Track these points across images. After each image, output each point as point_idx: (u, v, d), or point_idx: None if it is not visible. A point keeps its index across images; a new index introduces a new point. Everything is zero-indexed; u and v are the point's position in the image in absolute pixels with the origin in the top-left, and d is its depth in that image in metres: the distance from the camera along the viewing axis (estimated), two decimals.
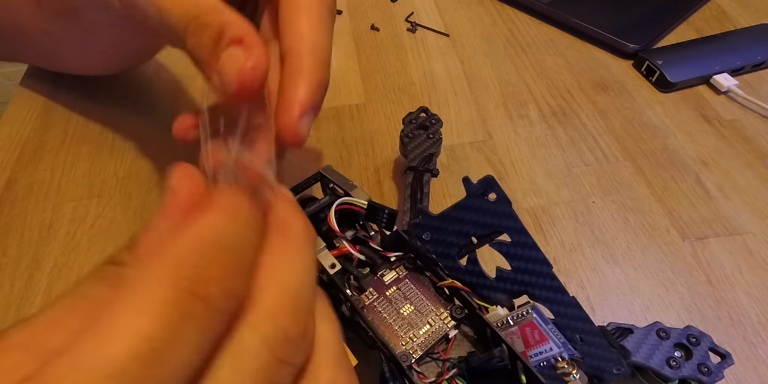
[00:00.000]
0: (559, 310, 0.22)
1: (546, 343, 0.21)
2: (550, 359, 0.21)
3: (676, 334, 0.23)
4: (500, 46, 0.45)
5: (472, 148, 0.37)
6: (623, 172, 0.35)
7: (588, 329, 0.22)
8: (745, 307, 0.28)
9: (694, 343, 0.23)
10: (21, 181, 0.35)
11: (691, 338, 0.23)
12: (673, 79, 0.40)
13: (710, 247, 0.31)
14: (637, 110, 0.39)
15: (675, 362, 0.22)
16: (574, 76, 0.42)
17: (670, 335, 0.23)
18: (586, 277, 0.29)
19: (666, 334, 0.23)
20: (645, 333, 0.23)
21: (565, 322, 0.22)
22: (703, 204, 0.33)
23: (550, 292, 0.22)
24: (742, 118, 0.38)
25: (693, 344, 0.23)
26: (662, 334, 0.23)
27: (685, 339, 0.23)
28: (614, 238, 0.31)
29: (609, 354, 0.21)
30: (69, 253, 0.31)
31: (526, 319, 0.21)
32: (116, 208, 0.33)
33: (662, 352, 0.22)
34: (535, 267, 0.22)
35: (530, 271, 0.22)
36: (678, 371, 0.22)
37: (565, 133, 0.38)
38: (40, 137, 0.38)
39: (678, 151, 0.36)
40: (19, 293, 0.29)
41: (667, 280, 0.29)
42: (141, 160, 0.36)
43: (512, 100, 0.40)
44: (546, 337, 0.21)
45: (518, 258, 0.22)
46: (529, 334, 0.21)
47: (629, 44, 0.43)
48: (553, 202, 0.33)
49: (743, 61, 0.42)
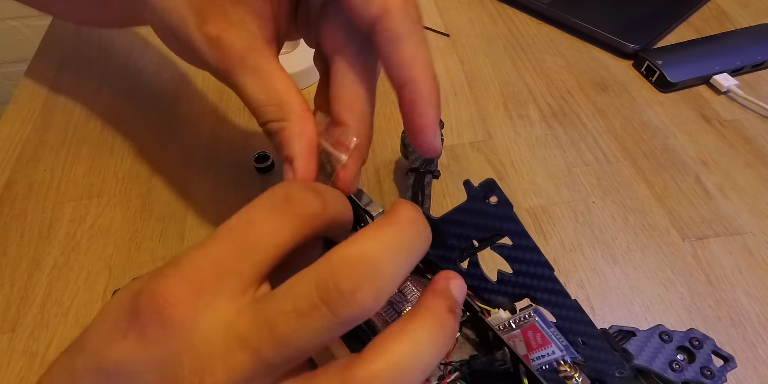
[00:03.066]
0: (561, 314, 0.22)
1: (548, 347, 0.21)
2: (552, 362, 0.21)
3: (679, 337, 0.23)
4: (500, 46, 0.45)
5: (472, 148, 0.37)
6: (623, 172, 0.35)
7: (590, 332, 0.22)
8: (745, 307, 0.28)
9: (696, 346, 0.23)
10: (21, 181, 0.35)
11: (694, 341, 0.23)
12: (673, 79, 0.40)
13: (710, 247, 0.31)
14: (637, 110, 0.39)
15: (678, 365, 0.22)
16: (574, 76, 0.42)
17: (672, 338, 0.23)
18: (586, 277, 0.29)
19: (669, 337, 0.23)
20: (647, 336, 0.23)
21: (567, 325, 0.22)
22: (703, 204, 0.33)
23: (552, 296, 0.22)
24: (742, 118, 0.39)
25: (696, 347, 0.23)
26: (665, 337, 0.23)
27: (688, 342, 0.23)
28: (614, 238, 0.31)
29: (611, 357, 0.21)
30: (69, 252, 0.31)
31: (528, 322, 0.21)
32: (116, 208, 0.33)
33: (665, 356, 0.22)
34: (537, 270, 0.22)
35: (532, 274, 0.22)
36: (681, 374, 0.22)
37: (565, 133, 0.38)
38: (40, 137, 0.38)
39: (678, 151, 0.36)
40: (19, 293, 0.29)
41: (667, 280, 0.29)
42: (141, 160, 0.36)
43: (512, 100, 0.40)
44: (548, 341, 0.21)
45: (520, 261, 0.22)
46: (532, 337, 0.21)
47: (629, 44, 0.43)
48: (553, 202, 0.33)
49: (743, 61, 0.42)
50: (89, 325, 0.14)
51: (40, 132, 0.38)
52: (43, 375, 0.14)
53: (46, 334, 0.28)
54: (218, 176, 0.35)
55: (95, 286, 0.29)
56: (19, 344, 0.27)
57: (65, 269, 0.30)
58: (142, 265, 0.30)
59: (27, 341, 0.27)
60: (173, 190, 0.34)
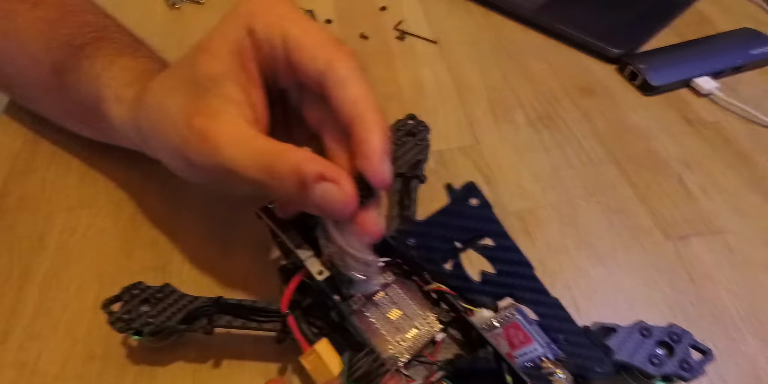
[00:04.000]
0: (543, 312, 0.23)
1: (530, 344, 0.22)
2: (535, 359, 0.22)
3: (659, 332, 0.23)
4: (487, 52, 0.46)
5: (459, 153, 0.37)
6: (608, 174, 0.36)
7: (571, 329, 0.22)
8: (725, 304, 0.28)
9: (676, 341, 0.23)
10: (13, 193, 0.35)
11: (673, 336, 0.23)
12: (655, 82, 0.41)
13: (692, 246, 0.31)
14: (620, 113, 0.40)
15: (657, 360, 0.23)
16: (560, 80, 0.43)
17: (652, 333, 0.23)
18: (572, 277, 0.30)
19: (649, 332, 0.23)
20: (628, 332, 0.23)
21: (549, 322, 0.23)
22: (685, 204, 0.34)
23: (534, 294, 0.23)
24: (723, 120, 0.39)
25: (675, 341, 0.23)
26: (645, 333, 0.23)
27: (668, 337, 0.23)
28: (599, 239, 0.32)
29: (592, 353, 0.22)
30: (60, 263, 0.31)
31: (510, 320, 0.22)
32: (107, 218, 0.33)
33: (645, 350, 0.23)
34: (518, 269, 0.22)
35: (513, 274, 0.23)
36: (660, 368, 0.22)
37: (551, 137, 0.38)
38: (31, 149, 0.38)
39: (661, 153, 0.37)
40: (9, 304, 0.29)
41: (650, 279, 0.30)
42: (132, 170, 0.36)
43: (499, 105, 0.41)
44: (530, 338, 0.22)
45: (501, 261, 0.22)
46: (514, 335, 0.22)
47: (613, 49, 0.44)
48: (539, 204, 0.34)
49: (724, 64, 0.42)
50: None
51: (31, 144, 0.38)
52: None
53: (36, 346, 0.28)
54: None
55: (86, 297, 0.30)
56: (10, 356, 0.27)
57: (56, 280, 0.30)
58: (134, 275, 0.31)
59: (17, 353, 0.27)
60: (163, 199, 0.35)
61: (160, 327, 0.24)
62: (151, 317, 0.24)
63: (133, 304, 0.24)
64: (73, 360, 0.27)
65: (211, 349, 0.27)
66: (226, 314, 0.24)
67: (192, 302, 0.24)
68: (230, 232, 0.32)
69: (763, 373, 0.26)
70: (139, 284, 0.25)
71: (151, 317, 0.24)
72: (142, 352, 0.27)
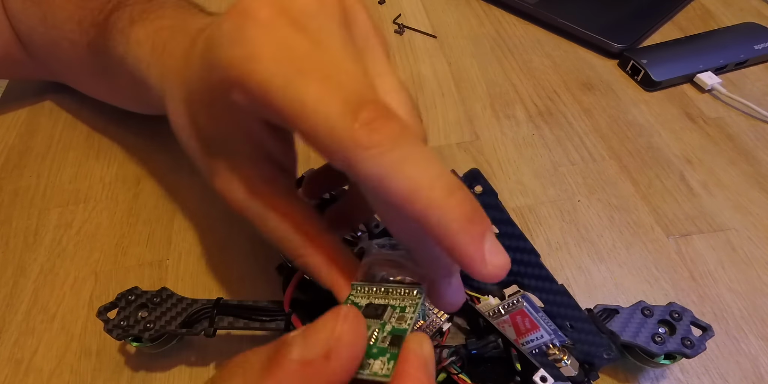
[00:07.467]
0: (549, 299, 0.22)
1: (537, 331, 0.22)
2: (541, 346, 0.22)
3: (660, 311, 0.24)
4: (487, 47, 0.45)
5: (459, 148, 0.37)
6: (609, 170, 0.35)
7: (577, 316, 0.22)
8: (727, 302, 0.28)
9: (676, 319, 0.23)
10: (6, 188, 0.35)
11: (674, 314, 0.23)
12: (657, 77, 0.40)
13: (694, 244, 0.31)
14: (622, 109, 0.40)
15: (660, 338, 0.23)
16: (560, 75, 0.42)
17: (654, 313, 0.23)
18: (572, 275, 0.30)
19: (650, 311, 0.23)
20: (630, 312, 0.23)
21: (555, 309, 0.22)
22: (687, 201, 0.33)
23: (539, 281, 0.22)
24: (726, 115, 0.39)
25: (676, 320, 0.23)
26: (646, 312, 0.23)
27: (668, 315, 0.23)
28: (600, 236, 0.31)
29: (599, 339, 0.22)
30: (55, 259, 0.31)
31: (516, 307, 0.22)
32: (102, 213, 0.33)
33: (647, 330, 0.23)
34: (524, 257, 0.22)
35: (519, 261, 0.22)
36: (663, 346, 0.22)
37: (551, 133, 0.38)
38: (26, 143, 0.38)
39: (662, 149, 0.37)
40: (4, 300, 0.29)
41: (651, 277, 0.29)
42: (127, 165, 0.36)
43: (499, 100, 0.40)
44: (537, 325, 0.22)
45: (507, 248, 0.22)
46: (520, 322, 0.22)
47: (614, 44, 0.43)
48: (539, 201, 0.33)
49: (726, 59, 0.42)
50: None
51: (25, 138, 0.38)
52: None
53: (31, 341, 0.27)
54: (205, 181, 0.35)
55: (81, 292, 0.29)
56: (5, 351, 0.27)
57: (51, 275, 0.30)
58: (129, 270, 0.30)
59: (12, 348, 0.27)
60: (160, 194, 0.34)
61: (160, 332, 0.23)
62: (149, 322, 0.23)
63: (130, 310, 0.24)
64: (69, 356, 0.27)
65: (208, 349, 0.27)
66: (227, 315, 0.23)
67: (191, 305, 0.24)
68: (227, 228, 0.31)
69: (764, 371, 0.26)
70: (135, 289, 0.24)
71: (149, 322, 0.23)
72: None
